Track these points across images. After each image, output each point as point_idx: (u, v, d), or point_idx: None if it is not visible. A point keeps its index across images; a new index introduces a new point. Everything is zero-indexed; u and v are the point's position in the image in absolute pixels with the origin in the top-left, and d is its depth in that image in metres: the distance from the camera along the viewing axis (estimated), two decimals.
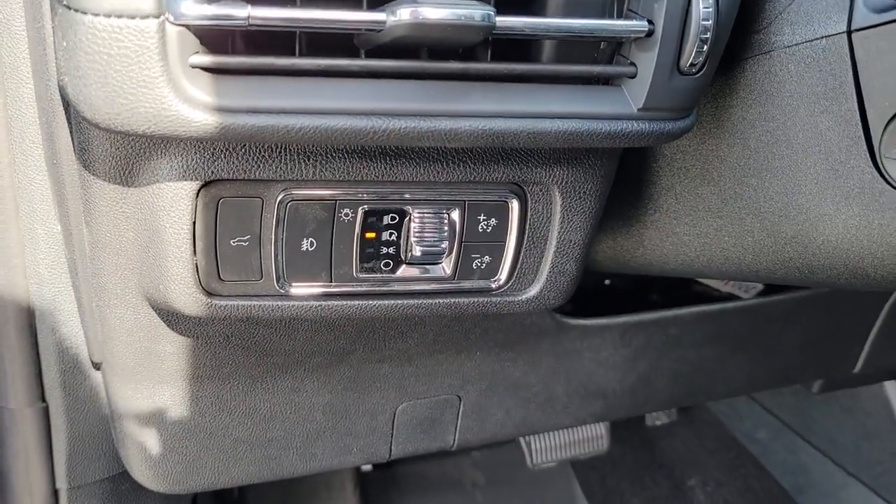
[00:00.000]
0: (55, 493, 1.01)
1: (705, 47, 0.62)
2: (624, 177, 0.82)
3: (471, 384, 1.06)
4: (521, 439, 1.67)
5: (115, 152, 0.64)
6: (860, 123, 0.62)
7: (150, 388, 0.89)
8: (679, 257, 0.85)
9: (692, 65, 0.63)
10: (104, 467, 1.04)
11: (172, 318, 0.80)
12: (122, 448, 0.98)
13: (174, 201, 0.66)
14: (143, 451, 0.95)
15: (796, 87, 0.65)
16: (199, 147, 0.63)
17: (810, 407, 1.86)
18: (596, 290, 1.29)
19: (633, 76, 0.64)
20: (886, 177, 0.62)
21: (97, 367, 0.94)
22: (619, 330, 1.12)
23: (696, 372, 1.26)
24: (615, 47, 0.66)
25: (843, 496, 1.83)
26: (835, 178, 0.64)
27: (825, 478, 1.85)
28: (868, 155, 0.62)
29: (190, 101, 0.55)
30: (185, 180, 0.65)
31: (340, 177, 0.68)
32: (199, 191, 0.66)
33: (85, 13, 0.52)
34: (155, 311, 0.79)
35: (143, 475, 0.98)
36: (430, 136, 0.61)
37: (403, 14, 0.55)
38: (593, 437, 1.69)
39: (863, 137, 0.62)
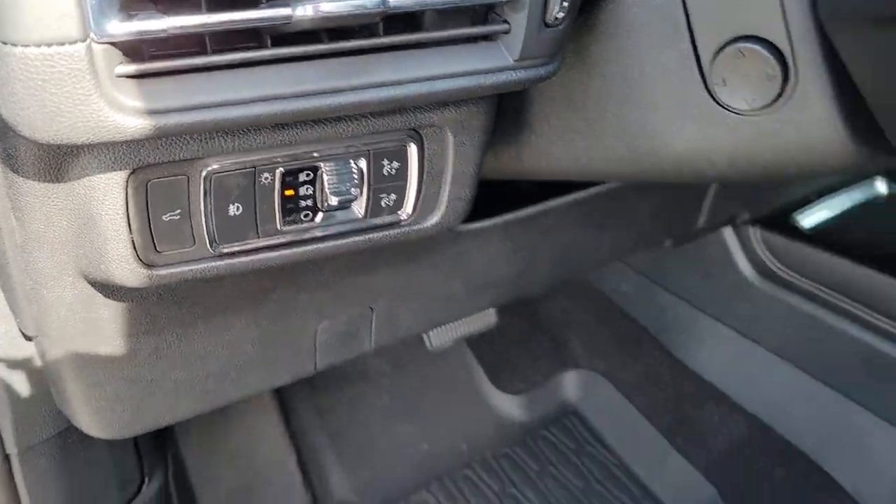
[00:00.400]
0: (6, 458, 1.06)
1: (566, 3, 0.72)
2: (505, 108, 0.93)
3: (381, 297, 1.17)
4: None
5: (44, 155, 0.68)
6: (694, 57, 0.75)
7: (89, 350, 0.95)
8: (552, 169, 0.98)
9: (556, 18, 0.73)
10: (51, 425, 1.09)
11: (110, 289, 0.85)
12: (67, 407, 1.03)
13: (106, 191, 0.71)
14: (88, 406, 1.01)
15: (642, 28, 0.76)
16: (125, 142, 0.68)
17: (664, 260, 2.11)
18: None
19: (508, 32, 0.74)
20: (716, 98, 0.75)
21: (29, 339, 0.98)
22: (501, 228, 1.25)
23: (569, 252, 1.43)
24: (488, 8, 0.75)
25: (694, 328, 2.12)
26: (678, 102, 0.78)
27: (679, 316, 2.13)
28: (702, 82, 0.75)
29: (123, 109, 0.60)
30: (115, 171, 0.70)
31: (257, 146, 0.74)
32: (128, 178, 0.71)
33: (15, 45, 0.55)
34: (92, 285, 0.84)
35: (90, 427, 1.04)
36: (340, 109, 0.69)
37: (307, 10, 0.62)
38: (483, 315, 1.86)
39: (696, 68, 0.75)
